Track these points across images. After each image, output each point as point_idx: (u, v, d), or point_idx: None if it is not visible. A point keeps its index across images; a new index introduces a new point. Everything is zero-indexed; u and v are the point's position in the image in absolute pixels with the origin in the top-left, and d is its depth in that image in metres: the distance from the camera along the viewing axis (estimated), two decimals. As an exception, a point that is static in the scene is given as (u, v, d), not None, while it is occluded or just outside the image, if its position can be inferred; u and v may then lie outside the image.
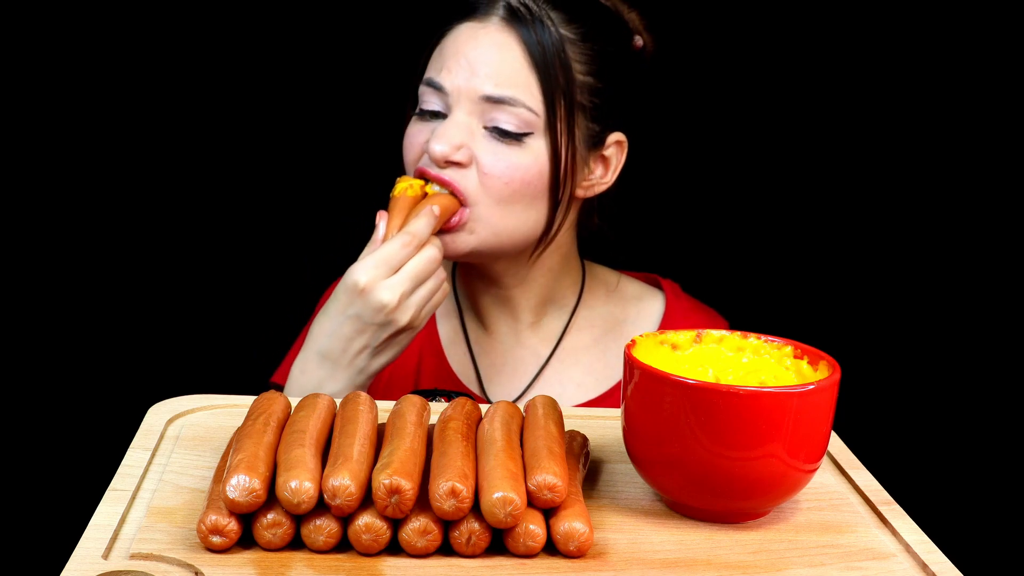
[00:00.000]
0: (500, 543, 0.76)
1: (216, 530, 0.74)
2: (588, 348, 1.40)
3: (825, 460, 0.96)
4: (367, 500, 0.75)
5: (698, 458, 0.80)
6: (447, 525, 0.75)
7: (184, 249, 1.91)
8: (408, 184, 1.26)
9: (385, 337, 1.20)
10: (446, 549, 0.76)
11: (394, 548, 0.76)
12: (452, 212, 1.25)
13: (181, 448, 0.90)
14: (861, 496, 0.89)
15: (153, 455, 0.88)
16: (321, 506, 0.75)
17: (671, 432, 0.80)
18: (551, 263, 1.36)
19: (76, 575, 0.71)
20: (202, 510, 0.75)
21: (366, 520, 0.74)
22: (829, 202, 1.86)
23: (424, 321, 1.22)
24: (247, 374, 1.54)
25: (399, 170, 1.32)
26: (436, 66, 1.29)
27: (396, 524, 0.75)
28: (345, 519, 0.75)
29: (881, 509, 0.87)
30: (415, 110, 1.31)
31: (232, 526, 0.74)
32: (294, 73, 1.85)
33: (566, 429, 0.90)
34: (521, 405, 0.95)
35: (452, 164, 1.25)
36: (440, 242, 1.24)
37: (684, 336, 0.91)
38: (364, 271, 1.18)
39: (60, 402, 1.91)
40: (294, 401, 0.90)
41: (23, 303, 1.89)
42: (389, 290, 1.18)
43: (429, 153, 1.25)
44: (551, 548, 0.77)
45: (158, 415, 0.95)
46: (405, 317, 1.19)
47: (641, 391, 0.82)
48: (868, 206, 1.85)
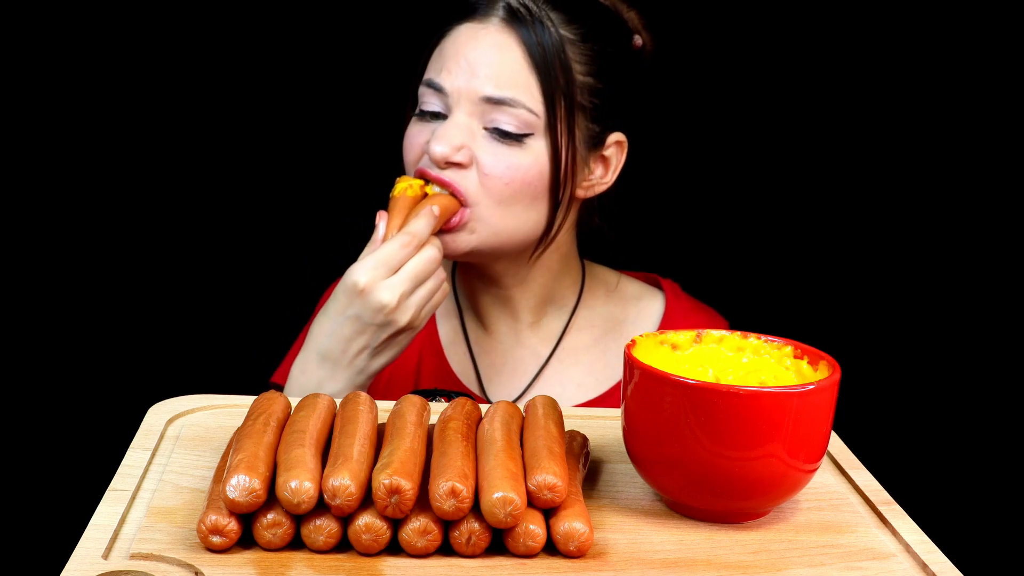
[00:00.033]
0: (500, 543, 0.76)
1: (216, 530, 0.74)
2: (588, 348, 1.40)
3: (825, 460, 0.96)
4: (367, 500, 0.75)
5: (698, 458, 0.80)
6: (447, 525, 0.75)
7: (184, 249, 1.91)
8: (408, 184, 1.26)
9: (385, 337, 1.20)
10: (446, 549, 0.76)
11: (394, 548, 0.76)
12: (452, 212, 1.25)
13: (181, 448, 0.90)
14: (861, 496, 0.89)
15: (153, 455, 0.88)
16: (321, 506, 0.75)
17: (671, 432, 0.80)
18: (551, 263, 1.36)
19: (76, 575, 0.71)
20: (202, 510, 0.75)
21: (366, 520, 0.74)
22: (829, 202, 1.86)
23: (424, 321, 1.22)
24: (247, 374, 1.54)
25: (399, 170, 1.32)
26: (436, 67, 1.29)
27: (396, 524, 0.75)
28: (345, 519, 0.75)
29: (881, 509, 0.86)
30: (415, 111, 1.31)
31: (232, 526, 0.74)
32: (294, 73, 1.85)
33: (566, 429, 0.90)
34: (521, 405, 0.95)
35: (452, 165, 1.25)
36: (440, 242, 1.24)
37: (684, 336, 0.91)
38: (364, 271, 1.18)
39: (60, 402, 1.91)
40: (294, 401, 0.90)
41: (23, 303, 1.89)
42: (389, 290, 1.18)
43: (429, 154, 1.25)
44: (551, 548, 0.77)
45: (158, 415, 0.95)
46: (405, 317, 1.19)
47: (641, 391, 0.82)
48: (868, 206, 1.85)
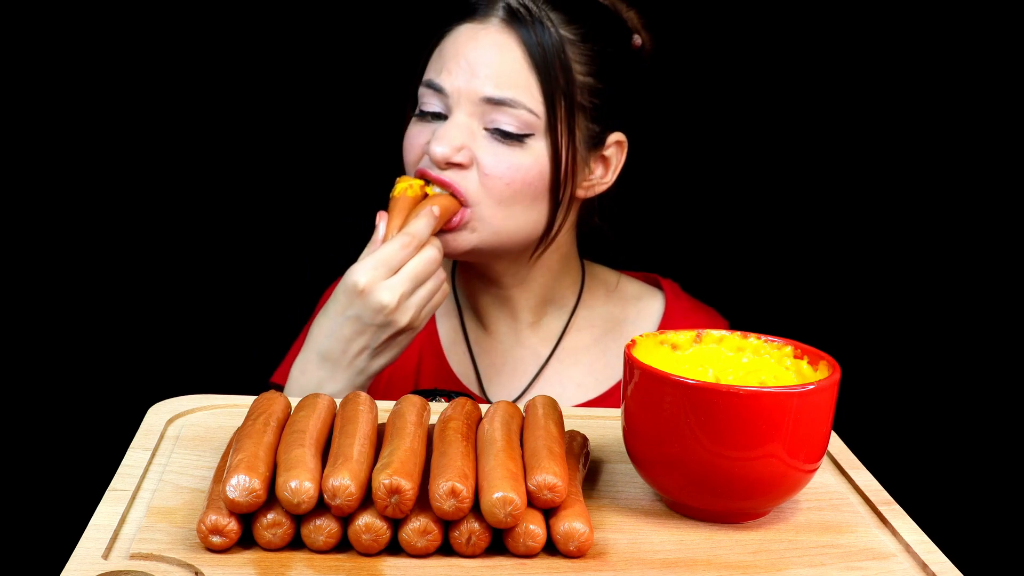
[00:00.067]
0: (500, 543, 0.76)
1: (216, 530, 0.74)
2: (588, 348, 1.40)
3: (825, 460, 0.96)
4: (367, 500, 0.75)
5: (698, 458, 0.80)
6: (447, 525, 0.75)
7: (184, 249, 1.91)
8: (408, 184, 1.26)
9: (385, 338, 1.20)
10: (446, 549, 0.76)
11: (394, 548, 0.76)
12: (452, 213, 1.25)
13: (181, 448, 0.90)
14: (861, 496, 0.89)
15: (153, 455, 0.88)
16: (321, 506, 0.75)
17: (671, 432, 0.80)
18: (551, 263, 1.36)
19: (76, 575, 0.71)
20: (202, 510, 0.75)
21: (366, 520, 0.74)
22: (829, 202, 1.86)
23: (424, 322, 1.22)
24: (247, 374, 1.54)
25: (399, 170, 1.32)
26: (436, 67, 1.29)
27: (396, 524, 0.75)
28: (345, 519, 0.75)
29: (881, 509, 0.86)
30: (415, 111, 1.31)
31: (232, 526, 0.74)
32: (294, 74, 1.85)
33: (566, 429, 0.90)
34: (521, 405, 0.95)
35: (453, 165, 1.25)
36: (440, 243, 1.24)
37: (684, 336, 0.91)
38: (364, 272, 1.18)
39: (60, 402, 1.91)
40: (294, 401, 0.90)
41: (23, 303, 1.89)
42: (389, 291, 1.18)
43: (430, 155, 1.25)
44: (551, 548, 0.77)
45: (158, 415, 0.95)
46: (405, 318, 1.19)
47: (641, 391, 0.82)
48: (868, 206, 1.85)
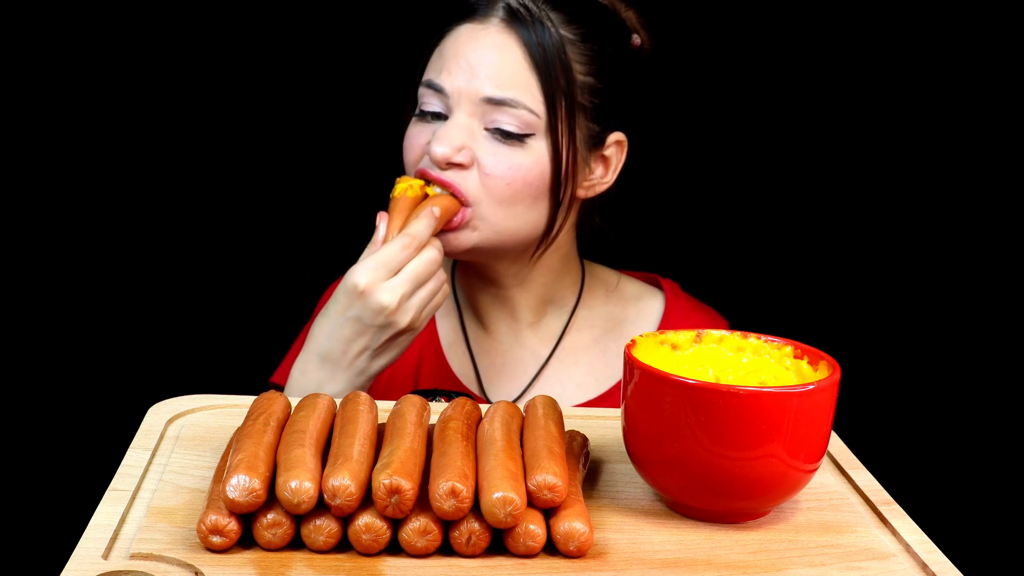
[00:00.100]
0: (500, 543, 0.76)
1: (216, 530, 0.74)
2: (588, 348, 1.40)
3: (825, 460, 0.96)
4: (367, 500, 0.75)
5: (698, 458, 0.80)
6: (447, 525, 0.75)
7: (184, 249, 1.91)
8: (408, 185, 1.26)
9: (385, 339, 1.20)
10: (446, 549, 0.76)
11: (394, 548, 0.76)
12: (452, 213, 1.25)
13: (181, 448, 0.90)
14: (861, 496, 0.89)
15: (153, 455, 0.88)
16: (321, 506, 0.75)
17: (671, 432, 0.80)
18: (551, 263, 1.36)
19: (76, 575, 0.71)
20: (202, 510, 0.75)
21: (366, 520, 0.74)
22: (829, 202, 1.86)
23: (424, 323, 1.22)
24: (247, 374, 1.54)
25: (399, 170, 1.32)
26: (436, 67, 1.28)
27: (396, 524, 0.75)
28: (345, 519, 0.75)
29: (881, 509, 0.86)
30: (415, 111, 1.31)
31: (232, 526, 0.74)
32: (294, 74, 1.85)
33: (566, 429, 0.90)
34: (521, 405, 0.95)
35: (453, 166, 1.25)
36: (440, 243, 1.24)
37: (684, 336, 0.91)
38: (364, 273, 1.18)
39: (60, 402, 1.91)
40: (294, 401, 0.90)
41: (23, 303, 1.89)
42: (389, 292, 1.18)
43: (430, 155, 1.25)
44: (551, 548, 0.77)
45: (158, 415, 0.95)
46: (405, 319, 1.19)
47: (641, 391, 0.82)
48: (868, 206, 1.85)
